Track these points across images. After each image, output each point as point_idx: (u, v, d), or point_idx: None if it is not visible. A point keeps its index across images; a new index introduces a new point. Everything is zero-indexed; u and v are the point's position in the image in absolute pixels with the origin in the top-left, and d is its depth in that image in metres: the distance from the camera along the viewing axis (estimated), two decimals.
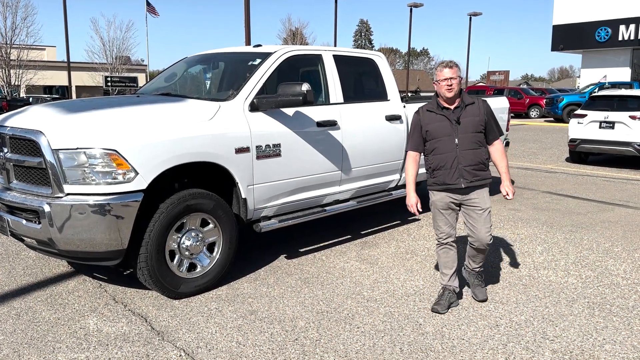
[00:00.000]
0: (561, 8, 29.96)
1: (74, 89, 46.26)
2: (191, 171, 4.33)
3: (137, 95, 5.37)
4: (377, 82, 5.88)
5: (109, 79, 40.26)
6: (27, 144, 3.91)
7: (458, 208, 3.99)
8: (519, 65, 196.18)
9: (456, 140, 3.80)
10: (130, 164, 3.70)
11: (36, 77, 42.69)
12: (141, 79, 48.58)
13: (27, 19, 41.22)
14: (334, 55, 5.40)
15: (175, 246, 4.09)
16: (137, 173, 3.73)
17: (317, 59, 5.27)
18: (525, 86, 57.59)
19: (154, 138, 3.82)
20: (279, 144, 4.62)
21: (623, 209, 7.31)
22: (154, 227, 3.87)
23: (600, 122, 11.19)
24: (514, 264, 5.03)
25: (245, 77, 4.69)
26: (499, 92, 30.74)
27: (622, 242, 5.73)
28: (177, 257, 4.11)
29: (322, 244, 5.60)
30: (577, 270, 4.86)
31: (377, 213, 6.81)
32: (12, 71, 40.79)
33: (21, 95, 41.22)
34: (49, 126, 3.82)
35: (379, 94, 5.85)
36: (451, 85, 3.75)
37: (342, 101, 5.30)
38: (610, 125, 11.04)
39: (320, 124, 4.98)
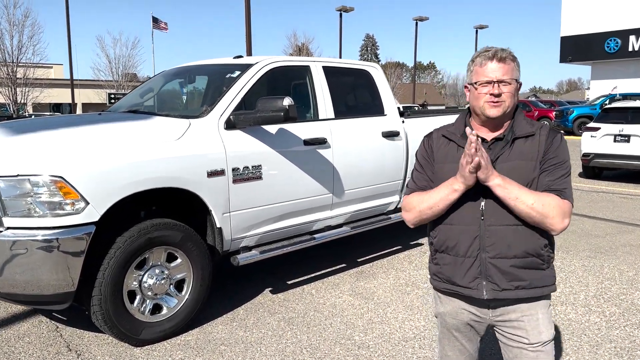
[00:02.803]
0: (569, 19, 29.43)
1: (79, 106, 46.17)
2: (160, 198, 3.83)
3: (99, 113, 4.89)
4: (373, 95, 5.36)
5: (112, 96, 40.09)
6: None
7: (484, 327, 2.18)
8: (527, 78, 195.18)
9: (482, 204, 2.00)
10: (79, 193, 3.19)
11: (42, 95, 42.60)
12: None
13: (34, 37, 41.20)
14: (323, 67, 4.89)
15: (136, 285, 3.55)
16: (87, 203, 3.22)
17: (305, 71, 4.77)
18: (533, 98, 56.91)
19: (107, 162, 3.31)
20: (260, 166, 4.10)
21: None
22: (109, 264, 3.35)
23: (615, 136, 10.59)
24: None
25: (222, 91, 4.20)
26: None
27: None
28: (138, 297, 3.57)
29: (313, 275, 5.05)
30: (600, 305, 4.28)
31: (377, 238, 6.26)
32: (18, 89, 40.71)
33: (27, 113, 41.12)
34: None
35: (375, 109, 5.32)
36: (499, 96, 1.98)
37: (333, 117, 4.78)
38: (626, 138, 10.44)
39: (307, 142, 4.46)
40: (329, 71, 4.93)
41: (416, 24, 41.21)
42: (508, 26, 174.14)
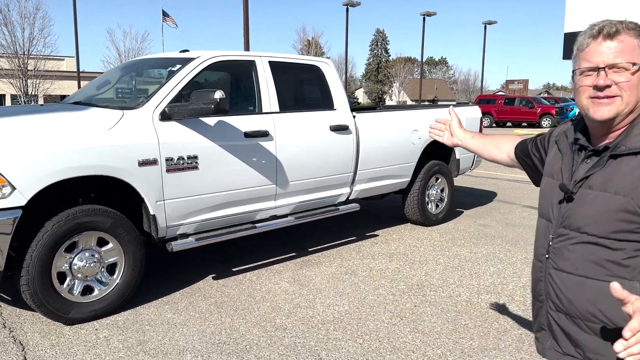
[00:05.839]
0: (573, 15, 29.12)
1: None
2: (102, 185, 4.05)
3: (41, 104, 5.09)
4: (322, 90, 5.51)
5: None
6: None
7: None
8: (540, 74, 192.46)
9: (550, 236, 1.53)
10: (5, 178, 3.40)
11: (53, 87, 43.19)
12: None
13: (45, 29, 41.76)
14: (270, 62, 5.05)
15: (67, 267, 3.76)
16: (14, 188, 3.43)
17: (250, 65, 4.94)
18: (545, 95, 56.51)
19: (35, 150, 3.51)
20: (196, 156, 4.28)
21: None
22: (36, 247, 3.56)
23: None
24: (457, 286, 4.59)
25: (160, 84, 4.38)
26: (509, 100, 30.31)
27: None
28: (68, 279, 3.79)
29: (259, 262, 5.23)
30: (523, 295, 4.41)
31: (333, 228, 6.42)
32: (29, 81, 41.31)
33: (38, 104, 41.66)
34: None
35: (324, 103, 5.48)
36: (606, 88, 1.40)
37: (277, 110, 4.95)
38: None
39: (248, 135, 4.63)
40: (276, 66, 5.08)
41: (424, 19, 41.15)
42: (519, 22, 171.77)
